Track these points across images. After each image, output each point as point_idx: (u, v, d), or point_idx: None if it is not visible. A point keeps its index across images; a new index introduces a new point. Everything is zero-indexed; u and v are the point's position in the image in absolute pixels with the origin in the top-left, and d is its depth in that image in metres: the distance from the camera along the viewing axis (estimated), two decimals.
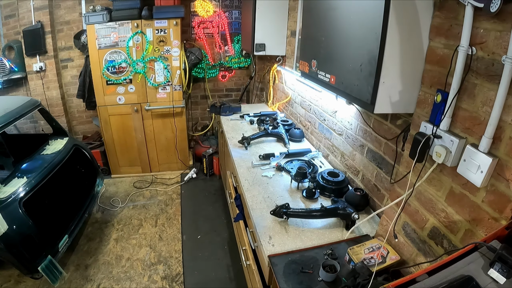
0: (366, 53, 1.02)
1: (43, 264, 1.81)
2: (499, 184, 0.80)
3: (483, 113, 0.83)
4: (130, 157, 3.43)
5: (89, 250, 2.44)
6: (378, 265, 1.09)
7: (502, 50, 0.75)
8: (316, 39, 1.37)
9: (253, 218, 1.46)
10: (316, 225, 1.41)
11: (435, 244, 1.02)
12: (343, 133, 1.80)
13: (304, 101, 2.35)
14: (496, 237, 0.72)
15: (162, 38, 2.98)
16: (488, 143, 0.80)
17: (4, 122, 2.02)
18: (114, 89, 3.10)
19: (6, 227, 1.68)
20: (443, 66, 0.94)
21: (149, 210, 2.94)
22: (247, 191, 1.67)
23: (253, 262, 1.56)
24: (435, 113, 0.96)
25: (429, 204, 1.03)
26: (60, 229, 2.09)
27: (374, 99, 1.02)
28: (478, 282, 0.64)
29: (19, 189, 1.87)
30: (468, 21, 0.81)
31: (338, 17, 1.18)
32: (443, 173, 0.97)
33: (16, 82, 3.48)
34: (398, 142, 1.29)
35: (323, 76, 1.32)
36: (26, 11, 3.17)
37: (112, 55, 2.98)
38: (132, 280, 2.17)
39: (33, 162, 2.18)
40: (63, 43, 3.41)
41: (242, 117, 2.81)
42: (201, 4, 3.41)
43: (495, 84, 0.77)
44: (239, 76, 3.89)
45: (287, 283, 1.11)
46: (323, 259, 1.20)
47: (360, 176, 1.65)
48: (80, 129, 3.86)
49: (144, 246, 2.49)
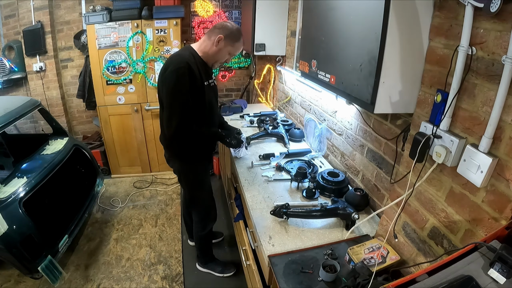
0: (366, 53, 1.02)
1: (43, 264, 1.81)
2: (499, 184, 0.80)
3: (483, 113, 0.82)
4: (130, 157, 3.43)
5: (89, 250, 2.43)
6: (378, 265, 1.09)
7: (502, 50, 0.75)
8: (316, 39, 1.37)
9: (253, 218, 1.46)
10: (316, 225, 1.41)
11: (435, 244, 1.02)
12: (343, 133, 1.80)
13: (304, 101, 2.35)
14: (496, 237, 0.72)
15: (162, 38, 2.98)
16: (488, 143, 0.80)
17: (4, 122, 2.02)
18: (114, 89, 3.10)
19: (6, 227, 1.68)
20: (443, 66, 0.94)
21: (149, 210, 2.94)
22: (247, 191, 1.67)
23: (253, 262, 1.57)
24: (435, 113, 0.96)
25: (429, 204, 1.04)
26: (60, 229, 2.09)
27: (374, 99, 1.02)
28: (478, 282, 0.64)
29: (19, 189, 1.87)
30: (468, 21, 0.81)
31: (338, 17, 1.18)
32: (443, 173, 0.97)
33: (16, 82, 3.48)
34: (398, 142, 1.29)
35: (323, 76, 1.32)
36: (26, 11, 3.17)
37: (112, 55, 2.98)
38: (132, 280, 2.17)
39: (33, 162, 2.18)
40: (63, 43, 3.41)
41: (242, 117, 2.81)
42: (201, 4, 3.41)
43: (495, 84, 0.77)
44: (239, 76, 3.89)
45: (287, 283, 1.11)
46: (323, 259, 1.20)
47: (360, 176, 1.66)
48: (80, 129, 3.86)
49: (144, 246, 2.49)
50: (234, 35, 1.59)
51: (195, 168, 1.80)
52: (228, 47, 1.60)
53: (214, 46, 1.58)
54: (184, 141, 1.66)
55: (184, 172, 1.82)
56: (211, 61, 1.64)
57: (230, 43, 1.60)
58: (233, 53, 1.66)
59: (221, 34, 1.56)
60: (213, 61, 1.64)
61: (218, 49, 1.59)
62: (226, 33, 1.57)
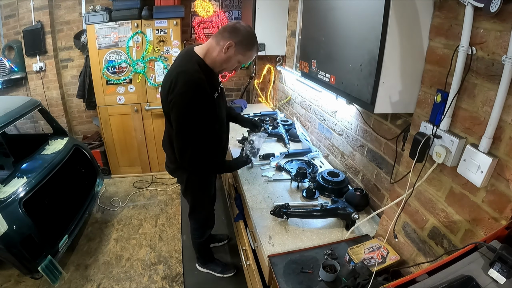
0: (366, 53, 1.02)
1: (43, 264, 1.81)
2: (499, 184, 0.80)
3: (483, 113, 0.83)
4: (130, 157, 3.43)
5: (89, 250, 2.43)
6: (378, 265, 1.09)
7: (502, 50, 0.75)
8: (316, 39, 1.37)
9: (253, 218, 1.46)
10: (316, 225, 1.41)
11: (435, 244, 1.02)
12: (343, 133, 1.80)
13: (304, 101, 2.35)
14: (496, 237, 0.72)
15: (162, 38, 2.98)
16: (488, 143, 0.80)
17: (4, 122, 2.02)
18: (114, 89, 3.10)
19: (6, 227, 1.68)
20: (443, 66, 0.94)
21: (149, 210, 2.94)
22: (247, 191, 1.67)
23: (253, 262, 1.57)
24: (435, 113, 0.96)
25: (429, 204, 1.04)
26: (60, 229, 2.09)
27: (374, 99, 1.02)
28: (478, 282, 0.64)
29: (19, 189, 1.87)
30: (468, 21, 0.81)
31: (338, 17, 1.18)
32: (443, 173, 0.97)
33: (16, 82, 3.48)
34: (398, 142, 1.29)
35: (323, 76, 1.32)
36: (26, 11, 3.17)
37: (112, 55, 2.98)
38: (132, 280, 2.17)
39: (33, 162, 2.18)
40: (63, 43, 3.41)
41: None
42: (201, 4, 3.41)
43: (495, 84, 0.77)
44: (239, 76, 3.89)
45: (287, 283, 1.11)
46: (323, 259, 1.20)
47: (360, 176, 1.66)
48: (80, 129, 3.86)
49: (144, 246, 2.49)
50: (247, 41, 1.36)
51: (203, 177, 1.69)
52: (239, 56, 1.37)
53: (223, 53, 1.34)
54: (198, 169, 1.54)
55: (192, 181, 1.65)
56: (218, 68, 1.42)
57: (242, 51, 1.36)
58: (244, 62, 1.44)
59: (231, 40, 1.32)
60: (220, 68, 1.42)
61: (226, 57, 1.35)
62: (238, 39, 1.33)
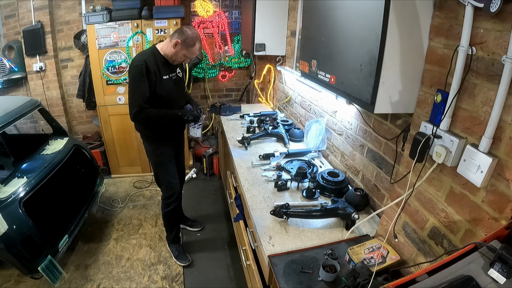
0: (366, 53, 1.02)
1: (43, 264, 1.81)
2: (499, 184, 0.80)
3: (483, 113, 0.82)
4: (130, 157, 3.43)
5: (89, 250, 2.43)
6: (378, 265, 1.09)
7: (502, 50, 0.75)
8: (316, 39, 1.37)
9: (253, 218, 1.46)
10: (316, 225, 1.41)
11: (435, 244, 1.02)
12: (343, 133, 1.80)
13: (304, 101, 2.35)
14: (496, 237, 0.72)
15: (162, 38, 2.98)
16: (488, 143, 0.80)
17: (4, 122, 2.02)
18: (114, 89, 3.10)
19: (6, 227, 1.68)
20: (443, 66, 0.94)
21: (149, 210, 2.94)
22: (247, 191, 1.67)
23: (253, 262, 1.56)
24: (435, 113, 0.96)
25: (429, 204, 1.04)
26: (60, 229, 2.09)
27: (374, 99, 1.02)
28: (478, 282, 0.64)
29: (19, 189, 1.87)
30: (468, 21, 0.81)
31: (338, 17, 1.18)
32: (443, 173, 0.97)
33: (16, 82, 3.48)
34: (398, 142, 1.29)
35: (323, 76, 1.32)
36: (26, 11, 3.17)
37: (112, 55, 2.98)
38: (132, 280, 2.17)
39: (33, 162, 2.18)
40: (63, 43, 3.41)
41: (242, 117, 2.81)
42: (201, 4, 3.41)
43: (495, 84, 0.77)
44: (239, 76, 3.89)
45: (287, 283, 1.11)
46: (323, 259, 1.20)
47: (360, 176, 1.66)
48: (80, 129, 3.86)
49: (144, 246, 2.49)
50: (189, 41, 1.81)
51: (159, 149, 2.05)
52: (184, 51, 1.83)
53: (172, 48, 1.82)
54: (144, 123, 1.94)
55: (149, 151, 2.08)
56: (171, 59, 1.88)
57: (185, 47, 1.82)
58: (189, 56, 1.89)
59: (178, 39, 1.79)
60: (172, 59, 1.88)
61: (175, 51, 1.83)
62: (183, 38, 1.79)
